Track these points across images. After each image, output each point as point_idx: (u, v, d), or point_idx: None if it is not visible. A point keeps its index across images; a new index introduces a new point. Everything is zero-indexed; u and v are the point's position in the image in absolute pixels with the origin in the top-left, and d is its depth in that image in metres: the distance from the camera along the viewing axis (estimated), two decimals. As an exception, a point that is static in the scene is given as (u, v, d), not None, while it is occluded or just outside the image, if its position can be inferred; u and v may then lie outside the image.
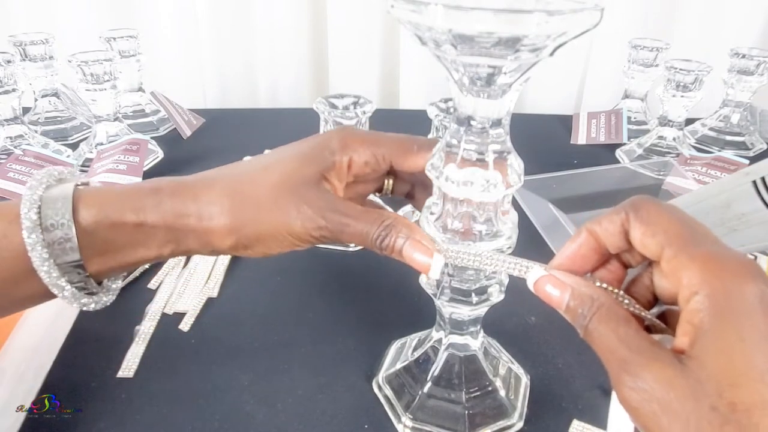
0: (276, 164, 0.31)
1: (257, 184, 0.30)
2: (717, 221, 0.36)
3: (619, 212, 0.24)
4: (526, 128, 0.90)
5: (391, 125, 0.36)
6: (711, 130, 0.82)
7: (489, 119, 0.26)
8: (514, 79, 0.25)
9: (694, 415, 0.19)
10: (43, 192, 0.28)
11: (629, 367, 0.21)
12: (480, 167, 0.27)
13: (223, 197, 0.29)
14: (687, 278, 0.21)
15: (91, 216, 0.28)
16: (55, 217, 0.27)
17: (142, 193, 0.29)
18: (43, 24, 0.85)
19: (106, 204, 0.28)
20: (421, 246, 0.28)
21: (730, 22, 0.94)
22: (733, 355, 0.19)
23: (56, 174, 0.30)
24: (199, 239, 0.29)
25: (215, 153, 0.74)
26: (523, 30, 0.21)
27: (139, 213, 0.28)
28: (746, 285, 0.20)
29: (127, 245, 0.29)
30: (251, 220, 0.29)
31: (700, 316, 0.20)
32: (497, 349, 0.39)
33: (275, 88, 1.03)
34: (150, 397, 0.37)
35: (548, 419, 0.36)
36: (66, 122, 0.78)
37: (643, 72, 0.81)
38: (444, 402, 0.35)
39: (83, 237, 0.28)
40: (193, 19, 0.95)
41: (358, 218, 0.29)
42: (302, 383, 0.39)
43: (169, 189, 0.29)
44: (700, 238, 0.22)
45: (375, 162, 0.32)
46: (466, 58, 0.23)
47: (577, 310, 0.24)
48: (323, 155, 0.31)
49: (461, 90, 0.26)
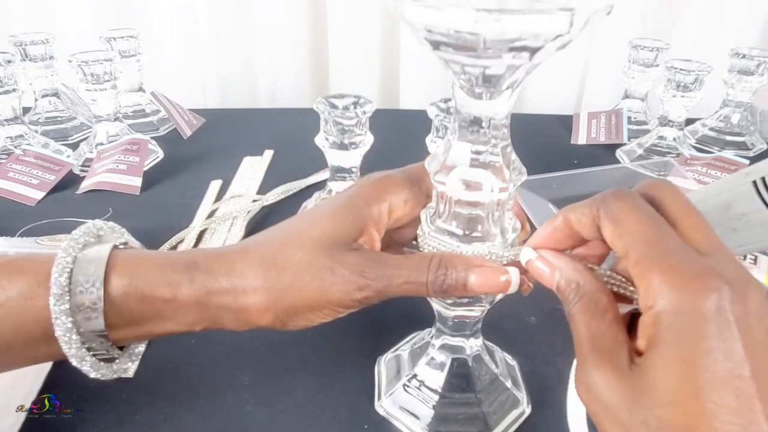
0: (310, 227, 0.29)
1: (291, 252, 0.28)
2: (717, 221, 0.36)
3: (591, 206, 0.24)
4: (526, 128, 0.90)
5: (391, 125, 0.36)
6: (711, 130, 0.82)
7: (489, 120, 0.26)
8: (514, 80, 0.24)
9: (627, 424, 0.20)
10: (78, 252, 0.27)
11: (585, 362, 0.22)
12: (480, 168, 0.27)
13: (257, 270, 0.27)
14: (645, 288, 0.21)
15: (122, 286, 0.27)
16: (85, 284, 0.26)
17: (177, 267, 0.28)
18: (43, 24, 0.85)
19: (138, 274, 0.27)
20: (488, 270, 0.27)
21: (730, 22, 0.94)
22: (674, 373, 0.19)
23: (95, 230, 0.29)
24: (236, 317, 0.28)
25: (215, 153, 0.74)
26: (516, 32, 0.21)
27: (172, 288, 0.27)
28: (703, 299, 0.19)
29: (155, 318, 0.28)
30: (286, 293, 0.27)
31: (653, 330, 0.20)
32: (503, 366, 0.38)
33: (275, 88, 1.03)
34: (150, 397, 0.37)
35: (548, 419, 0.36)
36: (66, 122, 0.78)
37: (643, 72, 0.81)
38: (417, 399, 0.35)
39: (111, 307, 0.27)
40: (193, 19, 0.95)
41: (403, 267, 0.27)
42: (302, 383, 0.39)
43: (204, 263, 0.28)
44: (668, 242, 0.21)
45: (414, 199, 0.30)
46: (442, 55, 0.23)
47: (566, 292, 0.25)
48: (358, 208, 0.29)
49: (461, 90, 0.26)
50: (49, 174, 0.64)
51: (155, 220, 0.57)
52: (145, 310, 0.27)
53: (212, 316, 0.28)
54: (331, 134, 0.50)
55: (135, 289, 0.27)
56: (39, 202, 0.61)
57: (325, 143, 0.51)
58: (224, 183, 0.65)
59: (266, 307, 0.27)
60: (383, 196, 0.29)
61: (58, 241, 0.49)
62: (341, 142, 0.51)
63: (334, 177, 0.54)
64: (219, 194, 0.63)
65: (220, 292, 0.27)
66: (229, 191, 0.64)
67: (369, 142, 0.52)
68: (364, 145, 0.51)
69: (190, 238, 0.53)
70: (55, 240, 0.50)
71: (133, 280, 0.27)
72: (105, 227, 0.30)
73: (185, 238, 0.53)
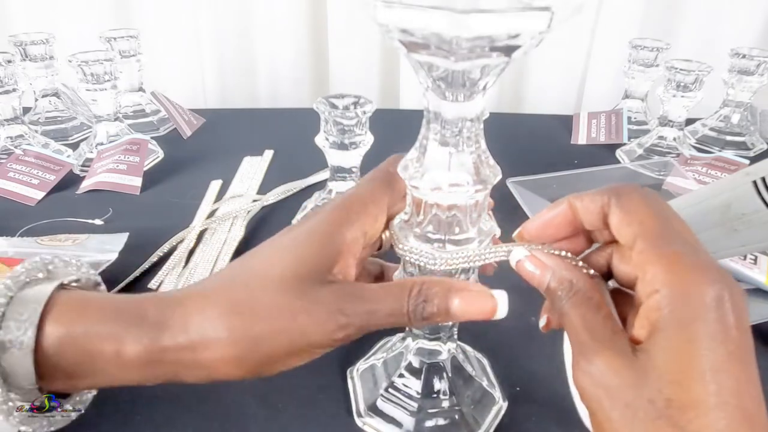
0: (273, 263, 0.25)
1: (258, 295, 0.24)
2: (717, 221, 0.36)
3: (602, 194, 0.25)
4: (526, 128, 0.91)
5: (391, 125, 0.36)
6: (711, 130, 0.82)
7: (463, 121, 0.25)
8: (488, 80, 0.24)
9: (633, 404, 0.20)
10: (17, 291, 0.24)
11: (586, 351, 0.22)
12: (456, 170, 0.26)
13: (219, 319, 0.24)
14: (651, 274, 0.22)
15: (57, 334, 0.23)
16: (16, 332, 0.23)
17: (123, 317, 0.24)
18: (43, 24, 0.85)
19: (78, 323, 0.24)
20: (472, 296, 0.25)
21: (730, 22, 0.94)
22: (680, 354, 0.20)
23: (42, 266, 0.26)
24: (198, 374, 0.24)
25: (215, 153, 0.74)
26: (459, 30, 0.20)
27: (116, 342, 0.23)
28: (705, 288, 0.21)
29: (98, 373, 0.24)
30: (259, 343, 0.24)
31: (657, 314, 0.21)
32: (476, 366, 0.38)
33: (275, 88, 1.03)
34: (150, 397, 0.37)
35: (549, 419, 0.36)
36: (66, 122, 0.78)
37: (643, 72, 0.81)
38: (398, 406, 0.35)
39: (43, 357, 0.23)
40: (193, 19, 0.95)
41: (382, 300, 0.25)
42: (302, 383, 0.39)
43: (154, 314, 0.24)
44: (673, 235, 0.23)
45: (384, 213, 0.28)
46: (416, 57, 0.23)
47: (557, 292, 0.25)
48: (329, 236, 0.26)
49: (432, 91, 0.25)
50: (49, 174, 0.64)
51: (155, 220, 0.57)
52: (83, 363, 0.24)
53: (167, 373, 0.24)
54: (331, 134, 0.50)
55: (73, 340, 0.23)
56: (39, 202, 0.61)
57: (325, 143, 0.51)
58: (224, 183, 0.65)
59: (236, 360, 0.24)
60: (354, 218, 0.27)
61: (59, 241, 0.49)
62: (341, 142, 0.51)
63: (334, 177, 0.54)
64: (219, 194, 0.63)
65: (176, 348, 0.24)
66: (229, 191, 0.64)
67: (369, 142, 0.52)
68: (364, 145, 0.51)
69: (190, 238, 0.53)
70: (55, 240, 0.50)
71: (71, 329, 0.24)
72: (57, 262, 0.27)
73: (185, 238, 0.53)
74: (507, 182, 0.59)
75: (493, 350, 0.40)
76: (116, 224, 0.56)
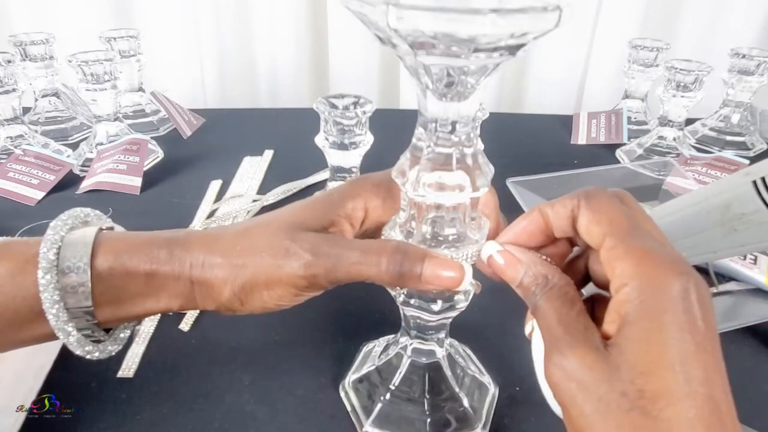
0: (281, 215, 0.30)
1: (256, 233, 0.29)
2: (717, 221, 0.36)
3: (572, 198, 0.26)
4: (526, 128, 0.91)
5: (391, 125, 0.36)
6: (711, 130, 0.82)
7: (455, 121, 0.25)
8: (477, 81, 0.24)
9: (606, 397, 0.21)
10: (66, 233, 0.28)
11: (559, 345, 0.23)
12: (446, 170, 0.26)
13: (224, 248, 0.28)
14: (620, 269, 0.22)
15: (107, 262, 0.28)
16: (72, 260, 0.27)
17: (158, 243, 0.29)
18: (43, 24, 0.85)
19: (122, 251, 0.28)
20: (445, 261, 0.27)
21: (730, 22, 0.94)
22: (650, 345, 0.21)
23: (82, 216, 0.30)
24: (202, 291, 0.28)
25: (215, 153, 0.74)
26: (476, 30, 0.20)
27: (153, 262, 0.28)
28: (672, 280, 0.21)
29: (137, 295, 0.28)
30: (243, 269, 0.28)
31: (626, 307, 0.22)
32: (465, 357, 0.38)
33: (275, 88, 1.03)
34: (150, 397, 0.37)
35: (549, 419, 0.36)
36: (66, 122, 0.78)
37: (643, 72, 0.81)
38: (405, 410, 0.34)
39: (97, 283, 0.27)
40: (193, 19, 0.95)
41: (357, 248, 0.27)
42: (302, 383, 0.39)
43: (184, 239, 0.29)
44: (641, 232, 0.23)
45: (393, 200, 0.30)
46: (423, 59, 0.22)
47: (530, 287, 0.25)
48: (332, 202, 0.30)
49: (424, 92, 0.25)
50: (49, 174, 0.64)
51: (155, 220, 0.57)
52: (127, 287, 0.28)
53: (186, 292, 0.28)
54: (331, 134, 0.51)
55: (120, 265, 0.28)
56: (39, 202, 0.61)
57: (325, 143, 0.51)
58: (224, 183, 0.65)
59: (224, 281, 0.28)
60: (360, 193, 0.30)
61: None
62: (341, 142, 0.51)
63: (334, 177, 0.54)
64: (219, 194, 0.63)
65: (194, 265, 0.28)
66: (229, 191, 0.64)
67: (369, 142, 0.52)
68: (364, 145, 0.51)
69: (190, 238, 0.53)
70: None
71: (118, 257, 0.28)
72: (92, 214, 0.31)
73: (185, 238, 0.53)
74: (507, 182, 0.59)
75: (493, 350, 0.40)
76: (116, 224, 0.55)
